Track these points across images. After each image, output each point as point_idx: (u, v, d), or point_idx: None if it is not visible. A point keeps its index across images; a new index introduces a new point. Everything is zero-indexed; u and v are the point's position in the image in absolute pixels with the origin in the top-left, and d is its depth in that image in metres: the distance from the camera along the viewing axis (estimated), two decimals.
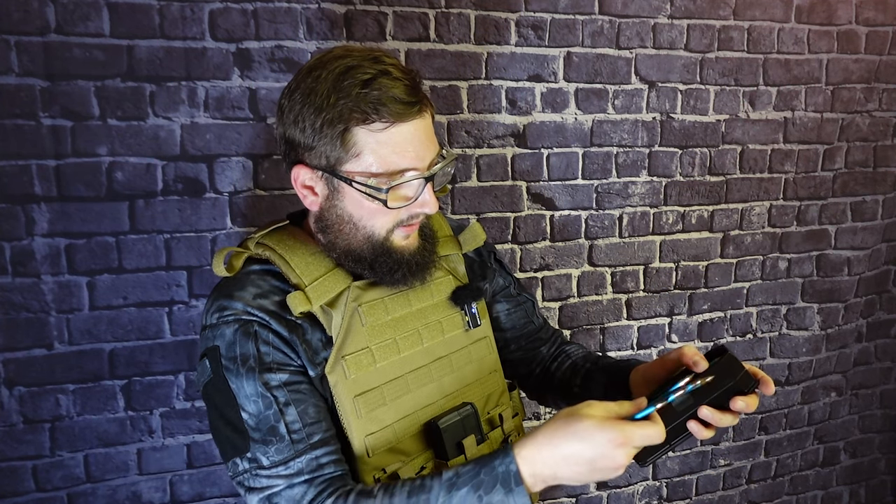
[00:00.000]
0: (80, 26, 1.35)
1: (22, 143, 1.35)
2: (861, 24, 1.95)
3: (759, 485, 2.22)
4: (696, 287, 1.98)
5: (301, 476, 0.84)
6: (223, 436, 0.88)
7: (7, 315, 1.40)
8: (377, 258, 0.91)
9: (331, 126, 0.85)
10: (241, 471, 0.86)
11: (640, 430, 0.77)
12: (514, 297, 1.16)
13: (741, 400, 0.83)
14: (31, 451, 1.46)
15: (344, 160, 0.86)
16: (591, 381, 1.08)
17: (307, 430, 0.86)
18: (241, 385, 0.86)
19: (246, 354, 0.86)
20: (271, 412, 0.85)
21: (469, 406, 0.99)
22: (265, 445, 0.85)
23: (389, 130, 0.85)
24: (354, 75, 0.84)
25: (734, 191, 1.96)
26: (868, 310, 2.23)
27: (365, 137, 0.85)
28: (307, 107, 0.86)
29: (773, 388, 0.86)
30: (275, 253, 0.92)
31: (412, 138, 0.86)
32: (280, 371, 0.87)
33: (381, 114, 0.84)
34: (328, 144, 0.86)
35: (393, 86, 0.84)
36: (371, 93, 0.84)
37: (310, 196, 0.92)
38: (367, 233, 0.91)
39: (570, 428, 0.78)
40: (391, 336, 0.95)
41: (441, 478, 0.82)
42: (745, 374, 0.84)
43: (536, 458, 0.79)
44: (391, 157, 0.85)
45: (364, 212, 0.89)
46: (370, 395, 0.92)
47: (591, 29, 1.71)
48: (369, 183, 0.86)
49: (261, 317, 0.88)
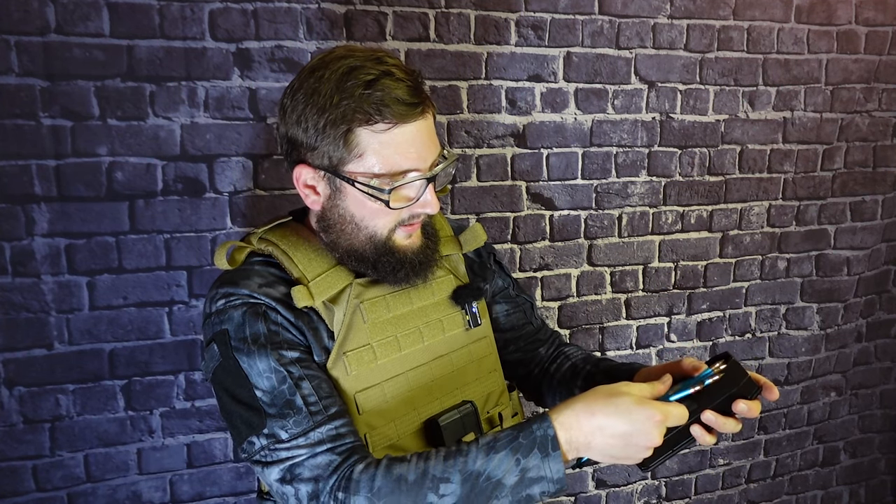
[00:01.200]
0: (80, 26, 1.35)
1: (22, 143, 1.35)
2: (861, 24, 1.95)
3: (758, 484, 2.22)
4: (695, 287, 1.99)
5: (323, 445, 0.83)
6: (237, 417, 0.86)
7: (7, 315, 1.40)
8: (380, 258, 0.92)
9: (334, 126, 0.85)
10: (259, 448, 0.84)
11: (677, 410, 0.80)
12: (513, 298, 1.16)
13: (743, 403, 0.84)
14: (31, 451, 1.46)
15: (346, 160, 0.87)
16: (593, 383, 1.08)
17: (324, 403, 0.85)
18: (253, 363, 0.85)
19: (256, 333, 0.86)
20: (286, 386, 0.84)
21: (469, 404, 1.00)
22: (283, 419, 0.83)
23: (392, 131, 0.85)
24: (357, 76, 0.85)
25: (733, 191, 1.96)
26: (868, 310, 2.23)
27: (368, 138, 0.85)
28: (310, 107, 0.86)
29: (776, 393, 0.88)
30: (277, 248, 0.93)
31: (414, 139, 0.87)
32: (291, 349, 0.87)
33: (383, 115, 0.84)
34: (331, 145, 0.86)
35: (396, 87, 0.85)
36: (374, 94, 0.84)
37: (312, 195, 0.92)
38: (369, 233, 0.91)
39: (610, 400, 0.79)
40: (392, 333, 0.96)
41: (478, 442, 0.81)
42: (748, 379, 0.85)
43: (574, 424, 0.80)
44: (394, 157, 0.86)
45: (366, 212, 0.90)
46: (371, 392, 0.92)
47: (591, 29, 1.71)
48: (372, 183, 0.86)
49: (268, 301, 0.89)
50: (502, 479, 0.78)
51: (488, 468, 0.78)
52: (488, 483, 0.78)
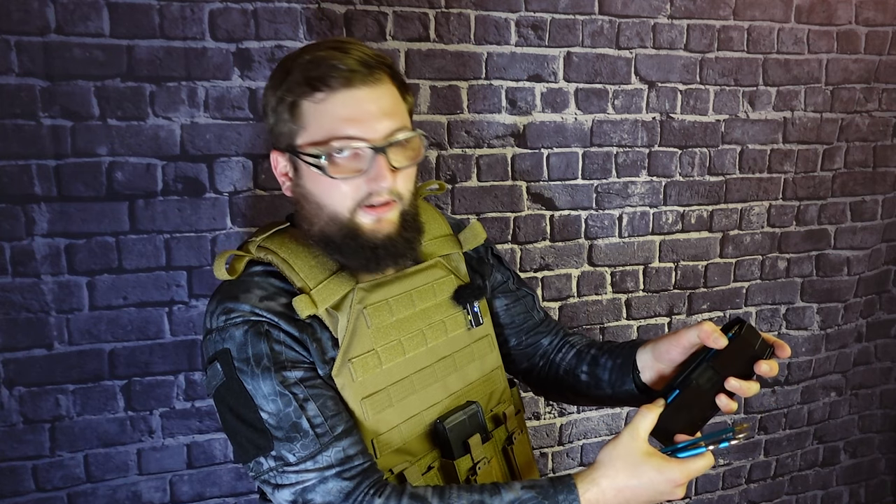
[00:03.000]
0: (80, 26, 1.35)
1: (22, 143, 1.35)
2: (861, 24, 1.95)
3: (758, 484, 2.22)
4: (695, 287, 1.99)
5: (332, 469, 0.83)
6: (242, 437, 0.86)
7: (7, 315, 1.40)
8: (343, 240, 0.90)
9: (282, 102, 0.87)
10: (267, 469, 0.84)
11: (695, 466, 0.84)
12: (513, 291, 1.15)
13: (765, 363, 0.85)
14: (31, 451, 1.46)
15: (296, 134, 0.88)
16: (597, 365, 1.08)
17: (330, 423, 0.85)
18: (257, 385, 0.85)
19: (259, 354, 0.85)
20: (291, 409, 0.84)
21: (474, 405, 1.00)
22: (290, 442, 0.83)
23: (332, 98, 0.85)
24: (308, 53, 0.87)
25: (733, 191, 1.96)
26: (868, 310, 2.23)
27: (310, 108, 0.86)
28: (270, 90, 0.89)
29: (788, 350, 0.88)
30: (277, 257, 0.91)
31: (358, 105, 0.85)
32: (295, 368, 0.86)
33: (325, 82, 0.84)
34: (284, 123, 0.88)
35: (342, 57, 0.85)
36: (319, 66, 0.85)
37: (286, 182, 0.93)
38: (329, 212, 0.89)
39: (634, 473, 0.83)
40: (396, 337, 0.95)
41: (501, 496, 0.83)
42: (762, 340, 0.86)
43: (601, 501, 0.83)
44: (331, 123, 0.85)
45: (321, 188, 0.88)
46: (377, 398, 0.91)
47: (591, 29, 1.71)
48: (310, 152, 0.86)
49: (269, 318, 0.87)
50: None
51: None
52: None
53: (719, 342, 0.86)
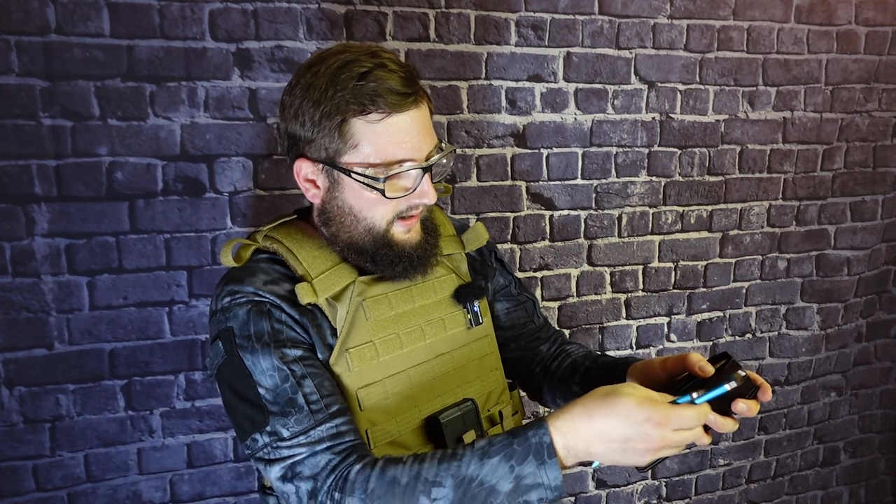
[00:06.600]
0: (80, 26, 1.35)
1: (22, 143, 1.35)
2: (861, 24, 1.95)
3: (758, 484, 2.22)
4: (695, 287, 1.99)
5: (323, 444, 0.84)
6: (240, 414, 0.88)
7: (7, 315, 1.40)
8: (378, 250, 0.92)
9: (329, 118, 0.87)
10: (261, 445, 0.86)
11: (679, 411, 0.76)
12: (515, 296, 1.16)
13: (742, 402, 0.83)
14: (32, 451, 1.46)
15: (343, 151, 0.88)
16: (590, 378, 1.08)
17: (325, 401, 0.86)
18: (256, 361, 0.86)
19: (260, 331, 0.87)
20: (288, 385, 0.85)
21: (470, 402, 1.00)
22: (284, 417, 0.85)
23: (386, 121, 0.86)
24: (351, 69, 0.86)
25: (733, 191, 1.96)
26: (868, 310, 2.23)
27: (362, 128, 0.87)
28: (306, 101, 0.88)
29: (769, 394, 0.86)
30: (282, 246, 0.94)
31: (409, 129, 0.88)
32: (295, 347, 0.88)
33: (377, 104, 0.85)
34: (327, 137, 0.88)
35: (389, 77, 0.86)
36: (367, 84, 0.85)
37: (312, 189, 0.94)
38: (367, 224, 0.92)
39: (609, 403, 0.77)
40: (394, 331, 0.96)
41: (473, 446, 0.81)
42: (746, 379, 0.84)
43: (571, 430, 0.78)
44: (388, 147, 0.87)
45: (364, 203, 0.90)
46: (372, 389, 0.93)
47: (591, 29, 1.71)
48: (367, 173, 0.87)
49: (272, 299, 0.90)
50: (496, 486, 0.78)
51: (481, 474, 0.78)
52: (481, 489, 0.78)
53: (704, 371, 0.86)
